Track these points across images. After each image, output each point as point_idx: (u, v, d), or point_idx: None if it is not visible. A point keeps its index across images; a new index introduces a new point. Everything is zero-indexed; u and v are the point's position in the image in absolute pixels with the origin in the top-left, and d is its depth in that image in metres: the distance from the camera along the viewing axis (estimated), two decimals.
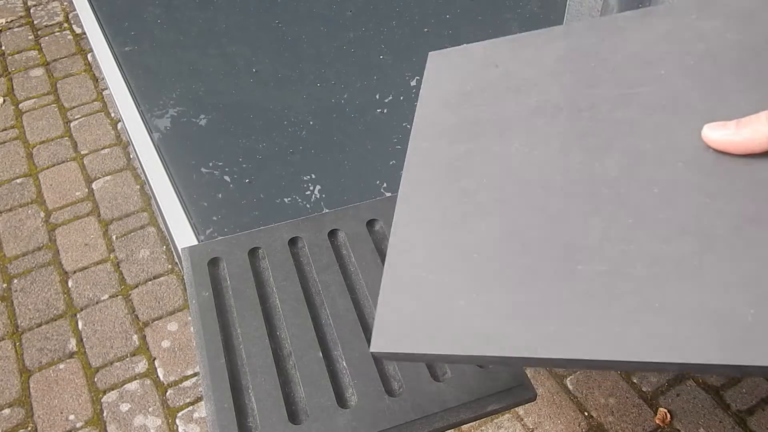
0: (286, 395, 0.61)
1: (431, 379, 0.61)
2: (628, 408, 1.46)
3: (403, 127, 0.90)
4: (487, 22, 1.08)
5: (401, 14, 1.11)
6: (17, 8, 2.69)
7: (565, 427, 1.44)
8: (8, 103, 2.26)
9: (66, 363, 1.56)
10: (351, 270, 0.71)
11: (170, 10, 1.14)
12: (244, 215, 0.79)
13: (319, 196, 0.81)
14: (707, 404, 1.46)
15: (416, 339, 0.45)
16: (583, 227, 0.46)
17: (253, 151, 0.87)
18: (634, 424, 1.43)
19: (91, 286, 1.71)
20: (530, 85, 0.55)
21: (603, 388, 1.49)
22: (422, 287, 0.47)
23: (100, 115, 2.20)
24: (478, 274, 0.46)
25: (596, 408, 1.46)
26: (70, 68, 2.38)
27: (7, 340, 1.61)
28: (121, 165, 2.03)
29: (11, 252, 1.80)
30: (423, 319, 0.46)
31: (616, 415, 1.45)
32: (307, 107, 0.93)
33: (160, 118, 0.92)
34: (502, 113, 0.54)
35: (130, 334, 1.61)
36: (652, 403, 1.47)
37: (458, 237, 0.49)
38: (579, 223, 0.46)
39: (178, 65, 1.01)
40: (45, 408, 1.48)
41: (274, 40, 1.06)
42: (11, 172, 2.02)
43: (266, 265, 0.71)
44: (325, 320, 0.66)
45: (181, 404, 1.49)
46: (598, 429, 1.43)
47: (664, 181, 0.45)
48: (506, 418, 1.46)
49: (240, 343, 0.64)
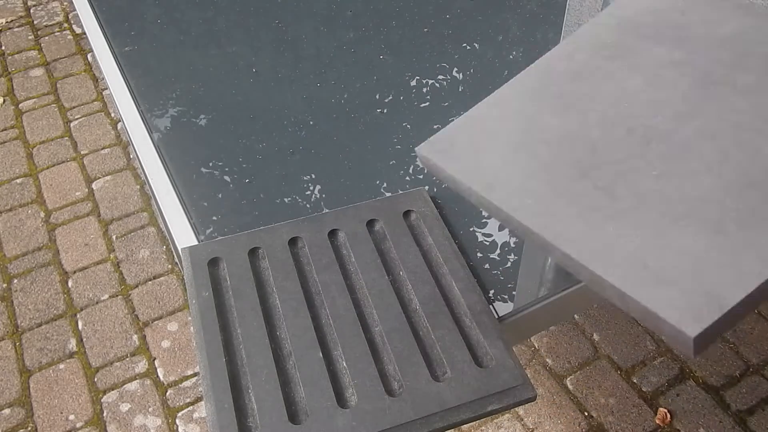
0: (286, 395, 0.61)
1: (431, 379, 0.61)
2: (628, 408, 1.46)
3: (403, 127, 0.90)
4: (487, 22, 1.08)
5: (401, 14, 1.11)
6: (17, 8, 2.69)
7: (565, 427, 1.44)
8: (8, 103, 2.26)
9: (66, 363, 1.56)
10: (351, 270, 0.71)
11: (170, 10, 1.14)
12: (244, 215, 0.79)
13: (319, 196, 0.81)
14: (707, 404, 1.46)
15: (449, 159, 0.59)
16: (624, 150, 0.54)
17: (253, 151, 0.87)
18: (634, 424, 1.43)
19: (91, 286, 1.71)
20: (685, 41, 0.61)
21: (603, 388, 1.49)
22: (481, 136, 0.60)
23: (100, 115, 2.20)
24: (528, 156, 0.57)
25: (596, 408, 1.46)
26: (70, 68, 2.38)
27: (7, 340, 1.61)
28: (121, 165, 2.03)
29: (11, 252, 1.80)
30: (464, 153, 0.59)
31: (616, 415, 1.45)
32: (307, 107, 0.93)
33: (160, 118, 0.92)
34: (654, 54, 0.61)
35: (130, 334, 1.61)
36: (652, 403, 1.47)
37: (531, 126, 0.60)
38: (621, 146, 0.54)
39: (178, 65, 1.01)
40: (45, 408, 1.48)
41: (274, 40, 1.06)
42: (11, 172, 2.02)
43: (266, 265, 0.71)
44: (325, 320, 0.66)
45: (181, 404, 1.49)
46: (598, 429, 1.43)
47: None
48: (506, 418, 1.46)
49: (240, 343, 0.64)
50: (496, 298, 0.70)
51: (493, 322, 0.66)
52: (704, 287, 0.44)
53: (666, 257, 0.46)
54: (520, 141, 0.59)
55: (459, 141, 0.61)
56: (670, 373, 1.51)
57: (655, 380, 1.50)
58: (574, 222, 0.51)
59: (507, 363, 0.62)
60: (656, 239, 0.48)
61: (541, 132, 0.59)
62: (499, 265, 0.73)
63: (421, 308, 0.67)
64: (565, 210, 0.52)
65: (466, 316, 0.67)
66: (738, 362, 1.53)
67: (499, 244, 0.75)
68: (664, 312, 0.43)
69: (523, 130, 0.60)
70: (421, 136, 0.88)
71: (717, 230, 0.47)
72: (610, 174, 0.54)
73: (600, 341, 1.58)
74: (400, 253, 0.72)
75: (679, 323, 0.43)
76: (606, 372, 1.52)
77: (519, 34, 1.05)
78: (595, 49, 0.65)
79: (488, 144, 0.60)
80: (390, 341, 0.64)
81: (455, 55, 1.01)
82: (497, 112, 0.63)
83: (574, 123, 0.59)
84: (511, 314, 0.69)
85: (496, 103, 0.64)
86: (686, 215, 0.48)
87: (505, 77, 0.97)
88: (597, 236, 0.49)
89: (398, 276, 0.70)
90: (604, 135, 0.57)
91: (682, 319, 0.43)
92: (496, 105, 0.64)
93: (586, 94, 0.61)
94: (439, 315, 0.66)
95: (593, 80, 0.62)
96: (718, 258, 0.45)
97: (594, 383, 1.50)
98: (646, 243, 0.48)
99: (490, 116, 0.63)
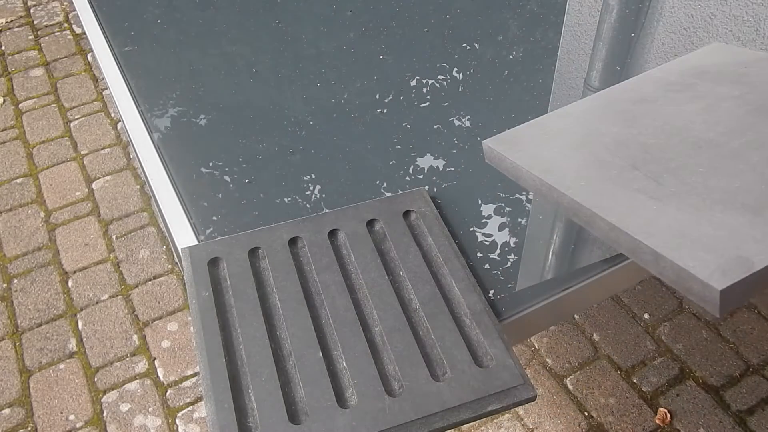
0: (286, 395, 0.61)
1: (431, 379, 0.61)
2: (628, 408, 1.46)
3: (403, 127, 0.90)
4: (487, 22, 1.08)
5: (401, 14, 1.11)
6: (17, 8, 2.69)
7: (565, 427, 1.44)
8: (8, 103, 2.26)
9: (66, 363, 1.56)
10: (351, 270, 0.71)
11: (170, 10, 1.14)
12: (244, 215, 0.79)
13: (319, 196, 0.81)
14: (707, 404, 1.46)
15: (512, 151, 0.67)
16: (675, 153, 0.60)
17: (253, 151, 0.87)
18: (634, 424, 1.43)
19: (91, 286, 1.71)
20: (744, 84, 0.68)
21: (603, 388, 1.49)
22: (544, 137, 0.68)
23: (100, 115, 2.20)
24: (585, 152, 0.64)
25: (596, 408, 1.46)
26: (70, 68, 2.38)
27: (7, 340, 1.61)
28: (121, 165, 2.03)
29: (11, 252, 1.80)
30: (527, 147, 0.66)
31: (616, 415, 1.45)
32: (307, 107, 0.93)
33: (160, 118, 0.92)
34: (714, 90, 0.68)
35: (130, 334, 1.61)
36: (652, 403, 1.47)
37: (592, 131, 0.67)
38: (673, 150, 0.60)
39: (178, 65, 1.01)
40: (45, 408, 1.48)
41: (274, 40, 1.06)
42: (11, 172, 2.02)
43: (266, 265, 0.71)
44: (325, 320, 0.66)
45: (181, 404, 1.49)
46: (598, 429, 1.43)
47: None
48: (506, 418, 1.46)
49: (240, 343, 0.64)
50: (496, 298, 0.70)
51: (493, 322, 0.66)
52: (736, 252, 0.48)
53: (702, 229, 0.51)
54: (580, 142, 0.66)
55: (523, 138, 0.70)
56: (670, 373, 1.51)
57: (655, 380, 1.50)
58: (621, 200, 0.57)
59: (507, 363, 0.62)
60: (695, 216, 0.53)
61: (601, 136, 0.66)
62: (499, 265, 0.73)
63: (421, 308, 0.67)
64: (613, 191, 0.58)
65: (466, 316, 0.67)
66: (738, 362, 1.53)
67: (499, 244, 0.75)
68: (695, 269, 0.48)
69: (584, 134, 0.67)
70: (421, 136, 0.88)
71: (754, 213, 0.51)
72: (660, 168, 0.59)
73: (600, 341, 1.58)
74: (400, 253, 0.72)
75: (709, 278, 0.47)
76: (606, 372, 1.52)
77: (519, 34, 1.05)
78: (660, 84, 0.72)
79: (550, 143, 0.68)
80: (390, 341, 0.64)
81: (455, 55, 1.01)
82: (562, 121, 0.71)
83: (632, 132, 0.65)
84: (511, 314, 0.69)
85: (562, 114, 0.72)
86: (726, 200, 0.53)
87: (505, 77, 0.97)
88: (640, 211, 0.55)
89: (398, 276, 0.70)
90: (659, 141, 0.63)
91: (712, 275, 0.47)
92: (561, 116, 0.72)
93: (648, 114, 0.68)
94: (439, 315, 0.66)
95: (656, 105, 0.69)
96: (751, 232, 0.49)
97: (594, 383, 1.50)
98: (685, 218, 0.53)
99: (555, 123, 0.71)
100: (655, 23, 1.03)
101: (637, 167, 0.60)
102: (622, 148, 0.63)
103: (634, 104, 0.70)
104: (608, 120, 0.68)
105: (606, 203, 0.57)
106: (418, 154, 0.86)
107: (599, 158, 0.63)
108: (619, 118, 0.68)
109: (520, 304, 0.70)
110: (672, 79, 0.73)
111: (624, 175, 0.60)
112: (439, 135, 0.88)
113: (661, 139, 0.63)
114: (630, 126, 0.66)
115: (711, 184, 0.55)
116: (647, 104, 0.69)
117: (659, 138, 0.63)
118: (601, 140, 0.65)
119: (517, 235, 0.76)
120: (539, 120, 0.72)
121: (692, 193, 0.55)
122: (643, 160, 0.61)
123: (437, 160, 0.85)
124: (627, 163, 0.61)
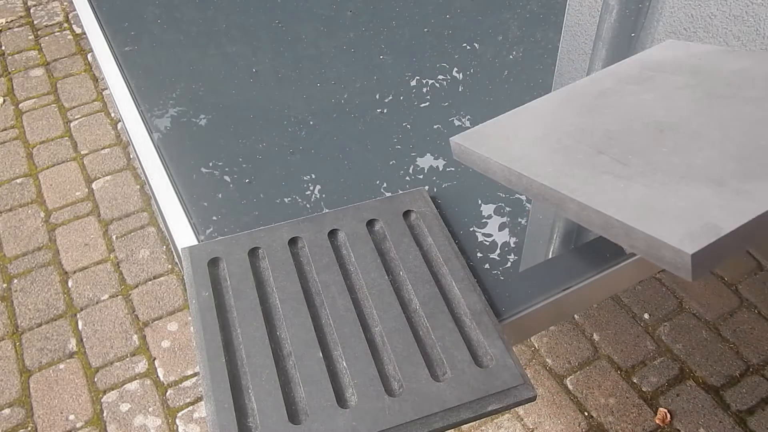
0: (286, 395, 0.61)
1: (431, 379, 0.61)
2: (628, 408, 1.46)
3: (403, 127, 0.90)
4: (487, 22, 1.08)
5: (401, 14, 1.11)
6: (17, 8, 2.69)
7: (565, 427, 1.44)
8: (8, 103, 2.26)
9: (66, 363, 1.56)
10: (351, 270, 0.71)
11: (170, 10, 1.14)
12: (244, 215, 0.79)
13: (319, 196, 0.81)
14: (707, 404, 1.46)
15: (479, 145, 0.69)
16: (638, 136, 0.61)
17: (253, 151, 0.87)
18: (634, 424, 1.43)
19: (91, 286, 1.71)
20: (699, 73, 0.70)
21: (603, 388, 1.49)
22: (509, 131, 0.70)
23: (100, 115, 2.20)
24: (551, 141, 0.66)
25: (596, 408, 1.46)
26: (70, 68, 2.38)
27: (7, 340, 1.61)
28: (121, 165, 2.03)
29: (11, 252, 1.80)
30: (493, 141, 0.69)
31: (616, 415, 1.45)
32: (307, 107, 0.93)
33: (160, 118, 0.92)
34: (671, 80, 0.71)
35: (130, 334, 1.61)
36: (652, 403, 1.47)
37: (556, 123, 0.69)
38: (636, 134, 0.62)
39: (178, 65, 1.01)
40: (45, 408, 1.48)
41: (274, 40, 1.06)
42: (11, 172, 2.02)
43: (266, 265, 0.71)
44: (325, 320, 0.66)
45: (181, 404, 1.49)
46: (598, 429, 1.43)
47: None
48: (506, 418, 1.46)
49: (240, 343, 0.64)
50: (496, 298, 0.70)
51: (493, 322, 0.66)
52: (703, 219, 0.50)
53: (670, 201, 0.53)
54: (545, 132, 0.69)
55: (489, 133, 0.72)
56: (670, 373, 1.51)
57: (655, 380, 1.50)
58: (589, 181, 0.59)
59: (507, 363, 0.62)
60: (662, 190, 0.55)
61: (565, 126, 0.69)
62: (499, 265, 0.73)
63: (421, 308, 0.67)
64: (580, 174, 0.60)
65: (466, 316, 0.67)
66: (738, 362, 1.53)
67: (499, 244, 0.75)
68: (666, 237, 0.50)
69: (548, 125, 0.70)
70: (421, 136, 0.88)
71: (718, 184, 0.53)
72: (624, 151, 0.61)
73: (600, 341, 1.58)
74: (400, 253, 0.72)
75: (680, 244, 0.49)
76: (606, 372, 1.52)
77: (519, 34, 1.05)
78: (619, 78, 0.75)
79: (516, 135, 0.70)
80: (390, 341, 0.64)
81: (455, 55, 1.01)
82: (525, 116, 0.73)
83: (595, 121, 0.68)
84: (511, 314, 0.69)
85: (525, 110, 0.75)
86: (691, 174, 0.55)
87: (505, 77, 0.97)
88: (608, 190, 0.57)
89: (398, 276, 0.70)
90: (621, 128, 0.65)
91: (682, 241, 0.49)
92: (524, 111, 0.75)
93: (609, 105, 0.70)
94: (439, 315, 0.66)
95: (616, 96, 0.71)
96: (717, 201, 0.52)
97: (594, 383, 1.50)
98: (652, 193, 0.55)
99: (519, 118, 0.73)
100: (655, 23, 1.03)
101: (602, 151, 0.62)
102: (587, 136, 0.66)
103: (595, 97, 0.73)
104: (571, 112, 0.71)
105: (575, 185, 0.59)
106: (418, 154, 0.86)
107: (565, 145, 0.65)
108: (581, 110, 0.71)
109: (520, 304, 0.70)
110: (630, 73, 0.76)
111: (590, 159, 0.62)
112: (439, 135, 0.88)
113: (624, 125, 0.65)
114: (592, 116, 0.69)
115: (675, 161, 0.58)
116: (607, 96, 0.72)
117: (622, 124, 0.66)
118: (565, 130, 0.68)
119: (517, 235, 0.76)
120: (503, 116, 0.75)
121: (657, 170, 0.57)
122: (608, 144, 0.63)
123: (437, 160, 0.85)
124: (592, 148, 0.63)
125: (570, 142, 0.65)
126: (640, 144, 0.61)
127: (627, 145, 0.62)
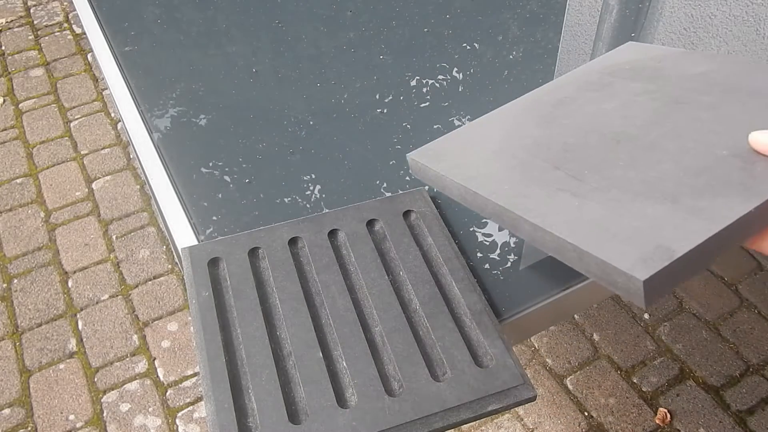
0: (286, 395, 0.61)
1: (431, 379, 0.61)
2: (628, 408, 1.46)
3: (403, 127, 0.90)
4: (487, 22, 1.08)
5: (401, 14, 1.11)
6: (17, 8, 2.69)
7: (565, 427, 1.44)
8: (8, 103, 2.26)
9: (66, 363, 1.56)
10: (351, 270, 0.71)
11: (170, 10, 1.14)
12: (244, 215, 0.79)
13: (319, 196, 0.81)
14: (707, 404, 1.46)
15: (436, 161, 0.68)
16: (595, 150, 0.61)
17: (253, 151, 0.87)
18: (634, 424, 1.43)
19: (91, 286, 1.71)
20: (658, 79, 0.70)
21: (603, 388, 1.49)
22: (466, 145, 0.69)
23: (100, 115, 2.20)
24: (507, 156, 0.65)
25: (596, 408, 1.46)
26: (70, 68, 2.38)
27: (7, 340, 1.61)
28: (121, 165, 2.03)
29: (11, 252, 1.80)
30: (449, 156, 0.68)
31: (616, 415, 1.45)
32: (307, 107, 0.93)
33: (160, 118, 0.92)
34: (630, 87, 0.70)
35: (130, 334, 1.61)
36: (652, 403, 1.47)
37: (512, 136, 0.68)
38: (593, 147, 0.61)
39: (178, 65, 1.01)
40: (45, 408, 1.48)
41: (274, 40, 1.06)
42: (11, 172, 2.02)
43: (266, 265, 0.72)
44: (325, 320, 0.66)
45: (181, 404, 1.49)
46: (598, 429, 1.43)
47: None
48: (506, 418, 1.46)
49: (240, 343, 0.64)
50: (496, 298, 0.70)
51: (493, 322, 0.66)
52: (656, 241, 0.49)
53: (624, 221, 0.52)
54: (502, 146, 0.67)
55: (446, 148, 0.71)
56: (670, 373, 1.51)
57: (655, 380, 1.50)
58: (543, 200, 0.57)
59: (507, 363, 0.62)
60: (617, 209, 0.53)
61: (521, 139, 0.67)
62: (499, 265, 0.73)
63: (421, 308, 0.67)
64: (536, 191, 0.58)
65: (466, 316, 0.67)
66: (738, 362, 1.53)
67: (499, 244, 0.75)
68: (617, 262, 0.48)
69: (504, 139, 0.68)
70: (421, 136, 0.88)
71: (673, 200, 0.52)
72: (580, 166, 0.60)
73: (600, 341, 1.58)
74: (400, 253, 0.72)
75: (631, 269, 0.47)
76: (606, 372, 1.52)
77: (519, 34, 1.05)
78: (578, 85, 0.74)
79: (473, 149, 0.69)
80: (390, 341, 0.64)
81: (455, 55, 1.01)
82: (482, 129, 0.72)
83: (552, 132, 0.66)
84: (511, 314, 0.69)
85: (482, 122, 0.73)
86: (646, 191, 0.54)
87: (505, 77, 0.97)
88: (563, 209, 0.55)
89: (398, 276, 0.70)
90: (578, 140, 0.64)
91: (634, 265, 0.47)
92: (482, 123, 0.73)
93: (567, 114, 0.69)
94: (439, 315, 0.66)
95: (575, 105, 0.70)
96: (671, 220, 0.50)
97: (594, 383, 1.50)
98: (607, 212, 0.53)
99: (476, 131, 0.72)
100: (655, 23, 1.03)
101: (558, 167, 0.61)
102: (544, 149, 0.64)
103: (553, 106, 0.71)
104: (529, 123, 0.70)
105: (529, 205, 0.57)
106: None
107: (521, 161, 0.64)
108: (539, 121, 0.70)
109: (520, 304, 0.70)
110: (590, 79, 0.75)
111: (546, 175, 0.60)
112: (440, 135, 0.88)
113: (581, 137, 0.64)
114: (550, 127, 0.68)
115: (631, 176, 0.56)
116: (566, 105, 0.71)
117: (579, 137, 0.64)
118: (522, 143, 0.67)
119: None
120: (461, 129, 0.73)
121: (613, 186, 0.56)
122: (564, 158, 0.62)
123: None
124: (548, 163, 0.62)
125: (527, 157, 0.64)
126: (596, 158, 0.60)
127: (583, 159, 0.61)
